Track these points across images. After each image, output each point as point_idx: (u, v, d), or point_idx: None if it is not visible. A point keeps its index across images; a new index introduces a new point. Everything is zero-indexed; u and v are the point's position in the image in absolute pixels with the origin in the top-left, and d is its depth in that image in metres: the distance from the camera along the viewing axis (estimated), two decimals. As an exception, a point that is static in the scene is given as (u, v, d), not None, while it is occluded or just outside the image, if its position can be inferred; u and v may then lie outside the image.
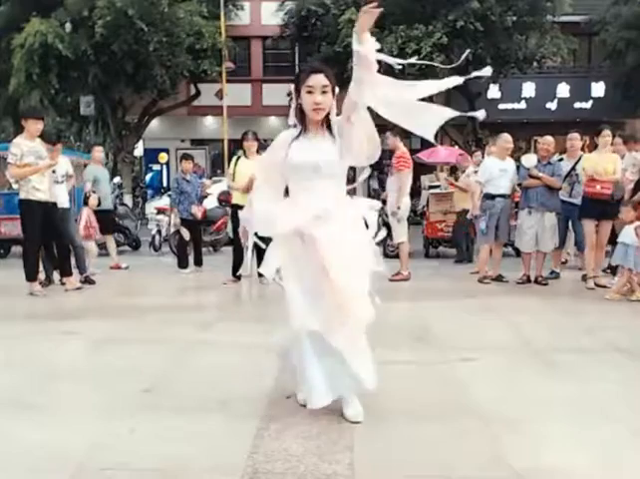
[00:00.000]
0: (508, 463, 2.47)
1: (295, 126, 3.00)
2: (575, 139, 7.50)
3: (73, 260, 7.15)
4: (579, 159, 7.22)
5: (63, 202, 7.02)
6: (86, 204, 8.17)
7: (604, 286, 6.64)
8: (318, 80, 2.84)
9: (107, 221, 8.75)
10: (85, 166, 11.86)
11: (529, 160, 7.15)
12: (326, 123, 2.93)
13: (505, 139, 7.44)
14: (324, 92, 2.85)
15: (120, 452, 2.59)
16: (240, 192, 7.10)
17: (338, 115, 2.91)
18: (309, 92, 2.85)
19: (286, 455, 2.53)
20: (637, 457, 2.56)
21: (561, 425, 2.87)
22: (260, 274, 7.23)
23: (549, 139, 7.22)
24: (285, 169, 2.95)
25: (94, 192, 8.29)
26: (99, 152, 9.27)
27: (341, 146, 2.88)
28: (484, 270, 7.39)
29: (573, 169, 7.28)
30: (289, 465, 2.44)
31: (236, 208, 7.32)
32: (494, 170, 7.25)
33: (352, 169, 3.08)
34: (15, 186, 6.55)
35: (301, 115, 2.95)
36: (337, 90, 2.92)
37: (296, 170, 2.92)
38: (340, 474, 2.38)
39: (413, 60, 3.29)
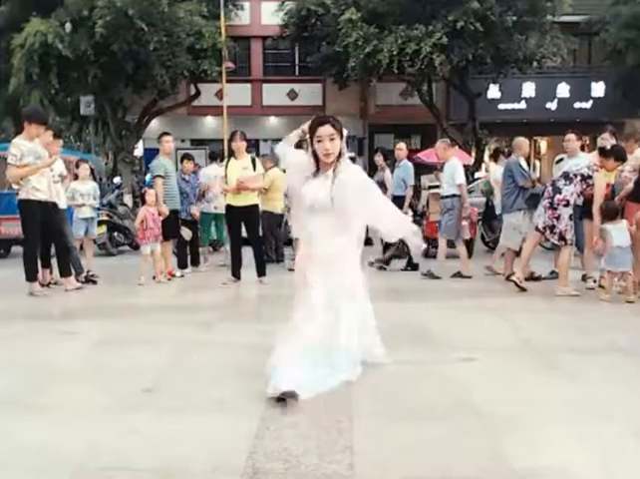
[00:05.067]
0: (508, 463, 2.48)
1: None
2: (571, 140, 7.52)
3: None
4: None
5: (60, 202, 6.98)
6: (144, 202, 7.48)
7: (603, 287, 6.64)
8: (325, 130, 3.38)
9: (172, 222, 7.68)
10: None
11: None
12: (335, 164, 3.45)
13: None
14: (332, 139, 3.37)
15: (120, 452, 2.59)
16: (232, 192, 7.14)
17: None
18: (319, 141, 3.39)
19: (286, 455, 2.53)
20: (637, 457, 2.56)
21: (561, 425, 2.87)
22: (260, 275, 7.31)
23: (518, 140, 7.58)
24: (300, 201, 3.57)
25: (151, 187, 7.55)
26: (168, 142, 7.72)
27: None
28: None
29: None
30: (289, 465, 2.44)
31: (230, 208, 7.34)
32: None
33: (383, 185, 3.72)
34: (15, 186, 6.51)
35: (315, 158, 3.47)
36: (345, 132, 3.47)
37: (303, 203, 3.50)
38: (340, 474, 2.38)
39: None
